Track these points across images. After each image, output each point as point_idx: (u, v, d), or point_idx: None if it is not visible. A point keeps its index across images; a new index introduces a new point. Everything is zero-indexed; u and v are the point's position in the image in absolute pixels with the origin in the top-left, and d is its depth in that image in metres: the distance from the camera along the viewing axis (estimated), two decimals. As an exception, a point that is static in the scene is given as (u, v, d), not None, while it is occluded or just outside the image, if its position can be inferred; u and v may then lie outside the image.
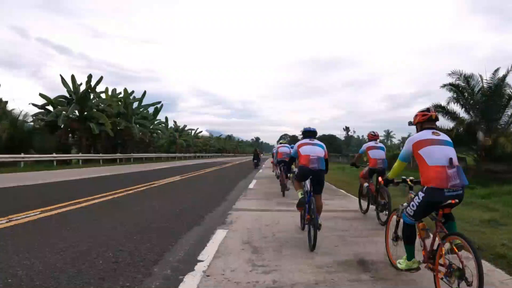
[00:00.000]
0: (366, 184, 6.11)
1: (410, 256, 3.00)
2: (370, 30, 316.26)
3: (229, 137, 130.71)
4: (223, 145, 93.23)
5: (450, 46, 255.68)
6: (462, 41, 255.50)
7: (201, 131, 64.72)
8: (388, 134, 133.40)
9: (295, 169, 5.38)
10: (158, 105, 38.86)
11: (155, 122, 40.34)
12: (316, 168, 4.50)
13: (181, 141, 47.25)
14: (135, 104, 35.90)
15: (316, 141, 4.83)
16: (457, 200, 2.67)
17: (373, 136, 6.36)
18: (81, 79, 35.00)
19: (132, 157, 30.78)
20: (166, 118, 49.14)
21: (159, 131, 41.37)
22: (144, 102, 37.00)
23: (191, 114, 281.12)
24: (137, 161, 31.25)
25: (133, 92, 35.03)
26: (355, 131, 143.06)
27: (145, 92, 36.69)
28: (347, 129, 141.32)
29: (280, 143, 11.65)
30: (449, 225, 2.83)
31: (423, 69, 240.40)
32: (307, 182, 4.75)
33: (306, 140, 4.84)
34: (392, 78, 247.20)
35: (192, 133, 60.37)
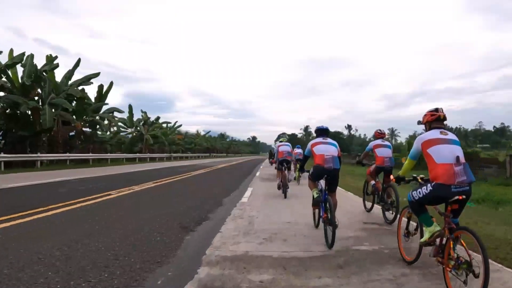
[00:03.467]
0: (373, 182, 5.99)
1: (429, 222, 2.99)
2: (367, 30, 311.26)
3: (222, 136, 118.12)
4: (214, 143, 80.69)
5: (446, 46, 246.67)
6: (459, 40, 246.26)
7: (180, 125, 51.58)
8: (392, 132, 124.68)
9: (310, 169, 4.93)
10: (97, 80, 26.46)
11: (104, 108, 27.96)
12: (331, 167, 4.42)
13: (148, 137, 34.84)
14: (63, 78, 23.70)
15: (329, 140, 4.73)
16: (464, 196, 2.72)
17: (379, 134, 6.18)
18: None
19: (38, 159, 18.39)
20: (130, 107, 36.64)
21: (106, 121, 28.73)
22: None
23: (189, 114, 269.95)
24: (56, 165, 19.01)
25: (56, 57, 22.79)
26: (357, 129, 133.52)
27: (79, 60, 24.44)
28: (349, 127, 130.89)
29: (280, 141, 9.80)
30: (453, 220, 2.86)
31: (420, 69, 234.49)
32: (321, 181, 4.62)
33: (320, 139, 4.73)
34: (389, 78, 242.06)
35: (169, 128, 47.76)
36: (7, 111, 20.45)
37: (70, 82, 24.14)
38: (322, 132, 4.82)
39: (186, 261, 3.39)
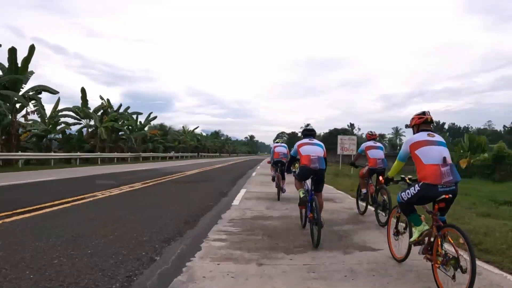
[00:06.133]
0: (364, 191, 5.96)
1: (418, 222, 3.09)
2: (365, 31, 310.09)
3: (217, 133, 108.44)
4: (204, 142, 71.56)
5: (444, 46, 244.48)
6: (456, 41, 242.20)
7: (155, 117, 41.85)
8: (397, 132, 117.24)
9: (296, 170, 5.06)
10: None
11: (29, 86, 18.95)
12: (317, 167, 4.48)
13: (101, 130, 25.87)
14: None
15: (315, 141, 4.81)
16: (451, 195, 2.81)
17: (371, 136, 6.18)
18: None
19: None
20: (83, 90, 27.56)
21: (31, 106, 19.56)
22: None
23: (187, 114, 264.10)
24: None
25: None
26: (360, 128, 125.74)
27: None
28: (351, 126, 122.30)
29: (276, 142, 9.55)
30: (441, 218, 2.96)
31: (418, 69, 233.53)
32: (308, 181, 4.71)
33: (306, 140, 4.80)
34: (387, 78, 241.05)
35: (141, 120, 38.55)
36: None
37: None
38: (309, 133, 4.91)
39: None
